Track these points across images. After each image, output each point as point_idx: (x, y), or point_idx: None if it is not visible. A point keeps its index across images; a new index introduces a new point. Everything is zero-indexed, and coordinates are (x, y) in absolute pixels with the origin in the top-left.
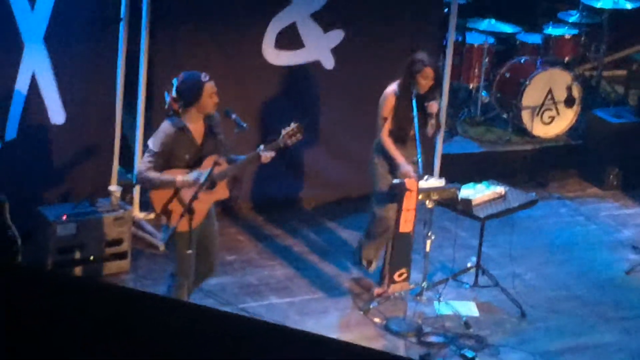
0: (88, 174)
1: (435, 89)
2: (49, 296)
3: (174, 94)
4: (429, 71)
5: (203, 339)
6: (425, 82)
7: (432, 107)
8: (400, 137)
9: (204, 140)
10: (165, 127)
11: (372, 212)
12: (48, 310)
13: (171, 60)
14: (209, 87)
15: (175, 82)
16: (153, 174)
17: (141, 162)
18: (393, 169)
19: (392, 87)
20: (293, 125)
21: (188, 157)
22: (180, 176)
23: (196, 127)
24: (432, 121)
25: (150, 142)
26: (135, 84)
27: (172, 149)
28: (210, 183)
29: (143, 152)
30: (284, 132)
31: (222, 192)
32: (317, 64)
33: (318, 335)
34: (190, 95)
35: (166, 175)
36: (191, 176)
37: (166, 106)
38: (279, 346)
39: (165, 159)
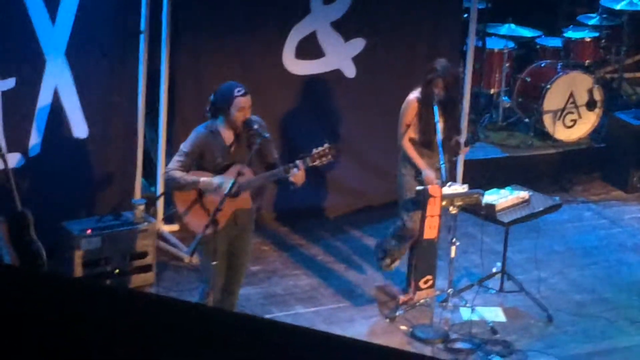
0: (112, 187)
1: (454, 98)
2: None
3: (211, 98)
4: (439, 83)
5: (228, 343)
6: (438, 90)
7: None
8: (425, 143)
9: (237, 148)
10: (198, 129)
11: (400, 221)
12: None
13: (192, 72)
14: (240, 101)
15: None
16: (179, 173)
17: (171, 161)
18: (418, 175)
19: (415, 94)
20: (326, 145)
21: (220, 160)
22: (203, 178)
23: (229, 133)
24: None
25: (182, 144)
26: (157, 96)
27: (203, 151)
28: (234, 191)
29: (166, 164)
30: (315, 151)
31: (244, 201)
32: (338, 73)
33: (347, 338)
34: (220, 104)
35: (191, 176)
36: (215, 180)
37: (207, 108)
38: (309, 349)
39: (195, 160)
